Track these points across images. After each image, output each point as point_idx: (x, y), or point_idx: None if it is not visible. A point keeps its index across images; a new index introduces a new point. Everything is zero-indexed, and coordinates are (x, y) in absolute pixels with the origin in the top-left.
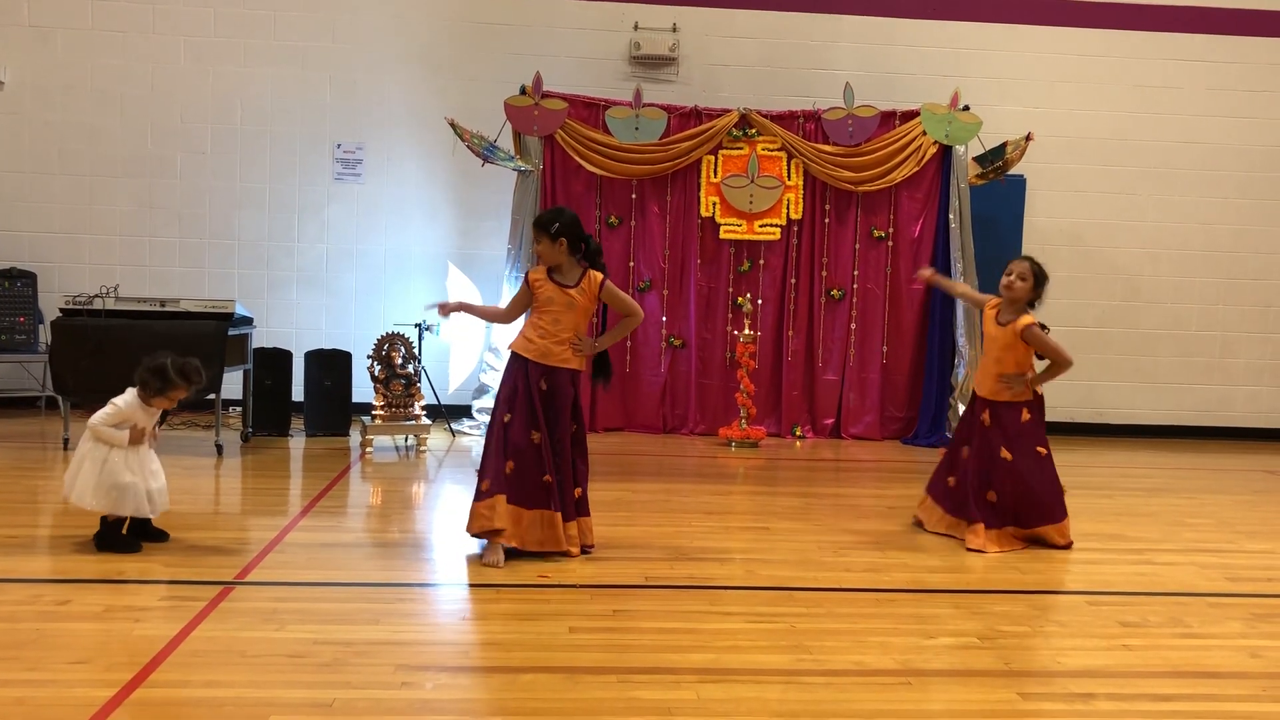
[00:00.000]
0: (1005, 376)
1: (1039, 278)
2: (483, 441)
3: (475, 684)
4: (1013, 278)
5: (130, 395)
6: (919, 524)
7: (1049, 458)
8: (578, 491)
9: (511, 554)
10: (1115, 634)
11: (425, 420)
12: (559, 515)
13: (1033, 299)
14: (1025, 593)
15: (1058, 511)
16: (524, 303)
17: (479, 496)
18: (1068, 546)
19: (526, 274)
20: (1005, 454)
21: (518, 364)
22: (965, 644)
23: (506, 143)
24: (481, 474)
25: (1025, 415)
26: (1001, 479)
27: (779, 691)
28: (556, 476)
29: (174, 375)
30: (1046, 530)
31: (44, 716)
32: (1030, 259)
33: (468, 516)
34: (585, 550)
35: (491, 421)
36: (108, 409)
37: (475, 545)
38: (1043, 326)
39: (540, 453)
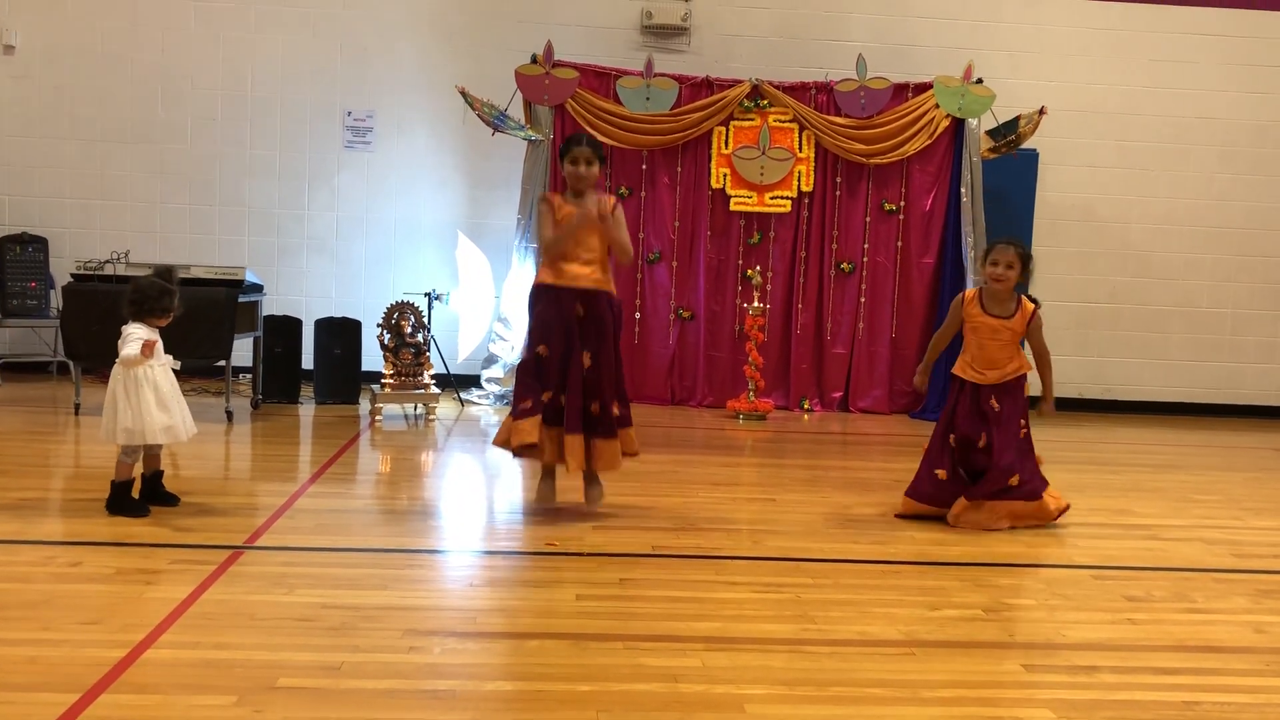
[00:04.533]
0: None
1: (1025, 261)
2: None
3: (482, 649)
4: (1000, 269)
5: (135, 326)
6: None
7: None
8: (616, 409)
9: (522, 520)
10: (1120, 608)
11: (434, 389)
12: (602, 439)
13: (1022, 283)
14: (1031, 566)
15: (1041, 484)
16: (553, 222)
17: (518, 415)
18: (1067, 508)
19: (544, 196)
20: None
21: (549, 294)
22: (970, 616)
23: (517, 112)
24: (519, 396)
25: (1025, 391)
26: (978, 454)
27: (784, 660)
28: (599, 399)
29: (161, 283)
30: (1041, 503)
31: (56, 675)
32: (1015, 242)
33: (499, 430)
34: (629, 457)
35: (526, 352)
36: (129, 339)
37: (485, 515)
38: (1035, 302)
39: (576, 379)
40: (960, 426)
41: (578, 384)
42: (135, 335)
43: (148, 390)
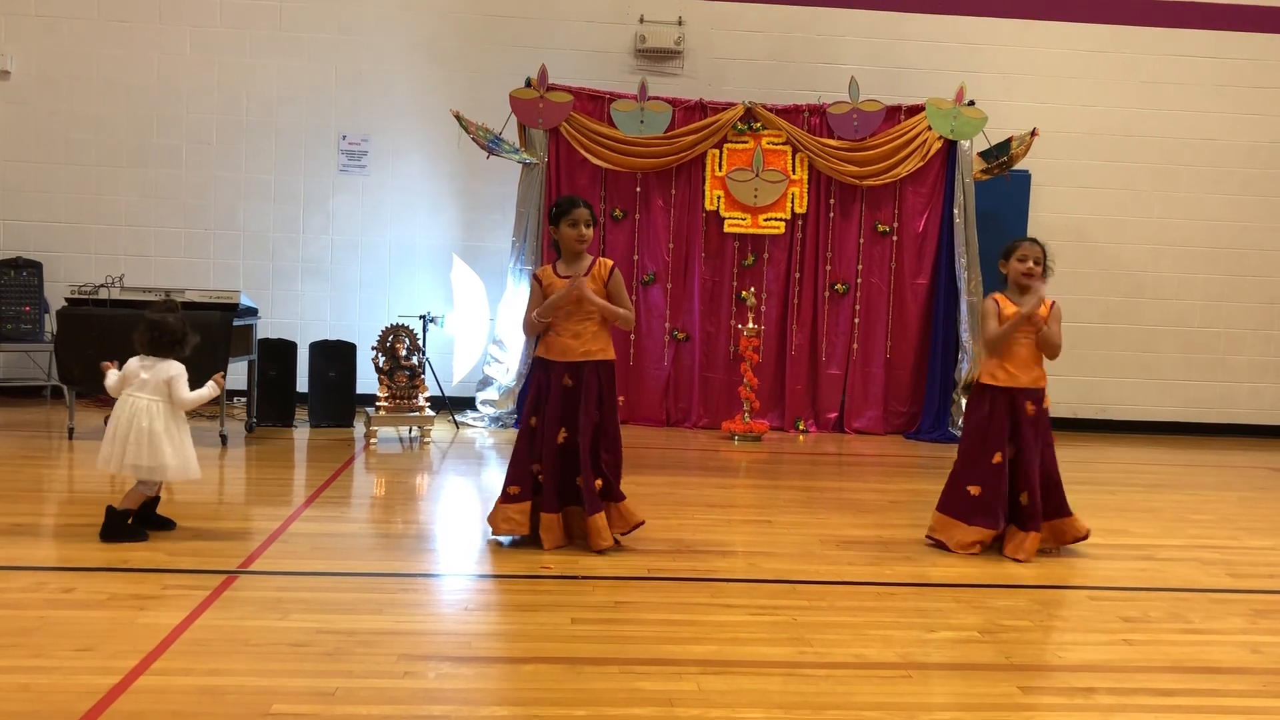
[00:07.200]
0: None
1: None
2: (507, 440)
3: (477, 674)
4: (1029, 263)
5: (177, 365)
6: (939, 544)
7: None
8: (598, 483)
9: (518, 543)
10: (1116, 629)
11: (429, 412)
12: (591, 515)
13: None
14: (1027, 587)
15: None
16: (541, 301)
17: (506, 499)
18: (1087, 535)
19: (534, 274)
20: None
21: (540, 367)
22: (966, 638)
23: (511, 135)
24: (508, 478)
25: (1047, 401)
26: (1036, 474)
27: (780, 683)
28: (580, 473)
29: (180, 319)
30: (1071, 521)
31: (48, 703)
32: (1037, 240)
33: (491, 514)
34: (629, 531)
35: (520, 426)
36: (184, 380)
37: (480, 538)
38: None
39: (568, 453)
40: (992, 439)
41: (553, 460)
42: (184, 375)
43: (187, 426)
